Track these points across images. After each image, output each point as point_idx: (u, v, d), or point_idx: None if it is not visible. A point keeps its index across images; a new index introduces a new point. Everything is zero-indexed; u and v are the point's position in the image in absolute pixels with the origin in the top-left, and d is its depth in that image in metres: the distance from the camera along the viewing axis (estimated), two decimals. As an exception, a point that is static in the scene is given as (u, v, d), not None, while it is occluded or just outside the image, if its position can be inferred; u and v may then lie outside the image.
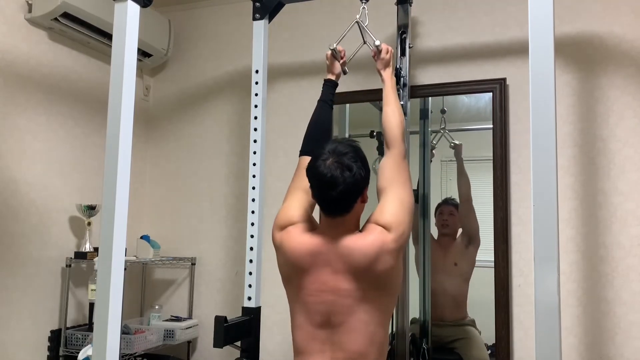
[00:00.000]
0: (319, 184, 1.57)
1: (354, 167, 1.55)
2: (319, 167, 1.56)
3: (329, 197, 1.56)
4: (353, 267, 1.55)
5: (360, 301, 1.55)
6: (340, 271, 1.57)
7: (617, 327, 2.33)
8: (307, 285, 1.60)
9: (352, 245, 1.57)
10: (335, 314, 1.56)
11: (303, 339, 1.61)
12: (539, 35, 1.53)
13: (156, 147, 3.34)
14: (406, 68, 2.48)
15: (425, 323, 2.61)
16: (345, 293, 1.55)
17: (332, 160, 1.56)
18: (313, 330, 1.59)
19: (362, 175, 1.58)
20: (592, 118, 2.45)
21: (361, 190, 1.60)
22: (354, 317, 1.55)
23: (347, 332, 1.55)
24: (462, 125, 2.67)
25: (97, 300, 1.64)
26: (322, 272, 1.58)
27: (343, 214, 1.59)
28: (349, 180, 1.54)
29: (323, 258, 1.59)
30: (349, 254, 1.56)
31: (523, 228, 2.50)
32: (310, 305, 1.60)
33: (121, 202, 1.67)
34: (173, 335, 2.84)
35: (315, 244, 1.61)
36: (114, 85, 1.71)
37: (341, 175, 1.53)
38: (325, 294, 1.57)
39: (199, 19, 3.31)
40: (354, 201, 1.59)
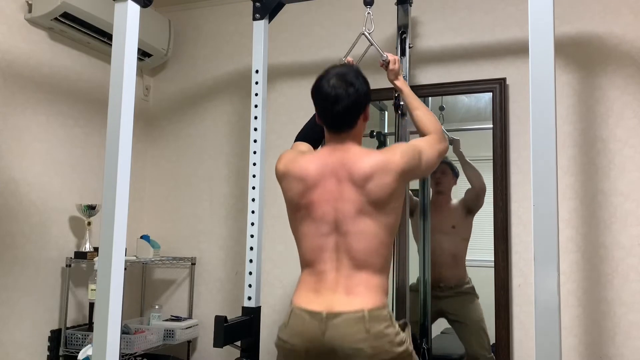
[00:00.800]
0: (324, 102, 1.68)
1: (356, 83, 1.67)
2: (322, 86, 1.68)
3: (335, 112, 1.66)
4: (354, 178, 1.63)
5: (362, 213, 1.61)
6: (345, 181, 1.64)
7: (617, 327, 2.33)
8: (315, 197, 1.66)
9: (355, 157, 1.66)
10: (341, 222, 1.62)
11: (312, 250, 1.66)
12: (539, 35, 1.53)
13: (156, 147, 3.34)
14: (406, 68, 2.48)
15: (425, 325, 2.61)
16: (350, 203, 1.62)
17: (335, 79, 1.67)
18: (321, 239, 1.64)
19: (365, 91, 1.70)
20: (592, 118, 2.46)
21: (363, 105, 1.71)
22: (358, 227, 1.61)
23: (354, 241, 1.61)
24: (462, 125, 2.67)
25: (97, 300, 1.64)
26: (329, 182, 1.65)
27: (347, 129, 1.70)
28: (353, 95, 1.66)
29: (329, 169, 1.66)
30: (351, 165, 1.64)
31: (523, 228, 2.50)
32: (318, 215, 1.65)
33: (121, 202, 1.67)
34: (173, 335, 2.84)
35: (322, 158, 1.70)
36: (114, 85, 1.71)
37: (345, 92, 1.65)
38: (332, 202, 1.64)
39: (199, 19, 3.31)
40: (357, 116, 1.70)
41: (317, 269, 1.64)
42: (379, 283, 1.62)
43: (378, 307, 1.57)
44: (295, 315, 1.62)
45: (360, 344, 1.51)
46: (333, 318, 1.54)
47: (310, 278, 1.65)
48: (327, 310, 1.56)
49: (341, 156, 1.67)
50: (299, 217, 1.70)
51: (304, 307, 1.60)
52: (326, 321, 1.55)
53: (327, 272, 1.62)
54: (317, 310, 1.58)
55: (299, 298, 1.64)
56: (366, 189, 1.61)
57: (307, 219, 1.67)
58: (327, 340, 1.53)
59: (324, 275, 1.62)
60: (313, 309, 1.58)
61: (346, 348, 1.52)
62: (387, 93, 2.71)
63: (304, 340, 1.57)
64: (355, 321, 1.53)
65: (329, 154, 1.69)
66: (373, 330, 1.53)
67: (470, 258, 2.59)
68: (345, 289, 1.58)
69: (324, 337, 1.54)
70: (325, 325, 1.54)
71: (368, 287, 1.59)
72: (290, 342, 1.59)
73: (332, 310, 1.56)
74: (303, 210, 1.68)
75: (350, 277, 1.60)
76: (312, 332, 1.56)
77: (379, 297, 1.60)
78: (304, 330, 1.57)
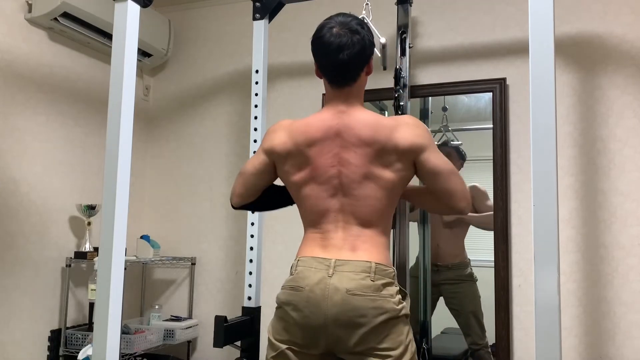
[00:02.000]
0: (327, 51, 1.58)
1: (361, 31, 1.59)
2: (325, 35, 1.59)
3: (339, 61, 1.57)
4: (360, 141, 1.57)
5: (367, 178, 1.58)
6: (350, 144, 1.59)
7: (617, 327, 2.33)
8: (319, 161, 1.61)
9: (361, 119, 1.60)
10: (347, 187, 1.59)
11: (316, 212, 1.62)
12: (539, 35, 1.53)
13: (156, 147, 3.34)
14: (406, 68, 2.49)
15: (425, 325, 2.61)
16: (355, 167, 1.58)
17: (339, 27, 1.58)
18: (326, 202, 1.61)
19: (370, 40, 1.61)
20: (592, 118, 2.46)
21: (368, 57, 1.62)
22: (364, 192, 1.58)
23: (359, 204, 1.58)
24: (462, 125, 2.67)
25: (97, 300, 1.64)
26: (333, 144, 1.59)
27: (350, 82, 1.61)
28: (359, 43, 1.57)
29: (334, 132, 1.60)
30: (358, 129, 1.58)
31: (523, 228, 2.50)
32: (322, 180, 1.61)
33: (121, 202, 1.67)
34: (173, 335, 2.84)
35: (326, 121, 1.62)
36: (114, 85, 1.71)
37: (350, 40, 1.56)
38: (336, 166, 1.59)
39: (199, 19, 3.31)
40: (361, 68, 1.62)
41: (322, 227, 1.62)
42: (384, 242, 1.61)
43: (384, 263, 1.56)
44: (303, 261, 1.59)
45: (364, 290, 1.51)
46: (341, 265, 1.54)
47: (315, 235, 1.63)
48: (335, 257, 1.56)
49: (346, 119, 1.60)
50: (301, 180, 1.64)
51: (311, 256, 1.59)
52: (334, 266, 1.54)
53: (332, 231, 1.60)
54: (325, 257, 1.57)
55: (305, 251, 1.62)
56: (373, 151, 1.57)
57: (311, 183, 1.62)
58: (333, 282, 1.52)
59: (330, 234, 1.60)
60: (321, 256, 1.58)
61: (350, 290, 1.51)
62: (387, 93, 2.71)
63: (309, 283, 1.54)
64: (363, 269, 1.53)
65: (332, 117, 1.62)
66: (378, 282, 1.53)
67: (470, 258, 2.59)
68: (352, 246, 1.57)
69: (330, 279, 1.52)
70: (334, 270, 1.53)
71: (373, 244, 1.58)
72: (298, 285, 1.56)
73: (340, 258, 1.55)
74: (306, 174, 1.62)
75: (356, 236, 1.58)
76: (319, 275, 1.54)
77: (385, 254, 1.59)
78: (310, 275, 1.55)
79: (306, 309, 1.53)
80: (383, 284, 1.53)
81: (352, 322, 1.50)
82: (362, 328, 1.50)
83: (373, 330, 1.50)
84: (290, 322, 1.57)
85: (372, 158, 1.57)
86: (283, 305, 1.60)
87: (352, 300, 1.50)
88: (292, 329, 1.56)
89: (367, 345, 1.51)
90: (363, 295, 1.50)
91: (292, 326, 1.56)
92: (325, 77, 1.65)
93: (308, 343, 1.55)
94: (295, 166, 1.64)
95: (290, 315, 1.56)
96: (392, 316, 1.52)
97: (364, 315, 1.50)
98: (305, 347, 1.56)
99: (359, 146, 1.58)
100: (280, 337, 1.59)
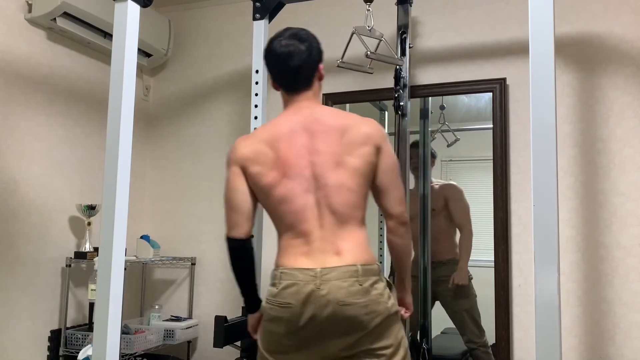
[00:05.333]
0: (279, 61, 1.68)
1: (308, 40, 1.70)
2: (275, 47, 1.69)
3: (290, 69, 1.67)
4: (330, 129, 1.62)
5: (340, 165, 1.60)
6: (319, 133, 1.62)
7: (617, 327, 2.33)
8: (289, 154, 1.62)
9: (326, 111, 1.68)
10: (320, 176, 1.60)
11: (292, 211, 1.60)
12: (539, 35, 1.53)
13: (156, 147, 3.34)
14: (406, 68, 2.48)
15: (425, 325, 2.61)
16: (326, 155, 1.60)
17: (287, 39, 1.69)
18: (301, 198, 1.60)
19: (318, 47, 1.72)
20: (592, 118, 2.46)
21: (316, 62, 1.71)
22: (338, 179, 1.59)
23: (334, 194, 1.59)
24: (462, 125, 2.67)
25: (97, 300, 1.64)
26: (300, 136, 1.63)
27: (305, 88, 1.70)
28: (306, 51, 1.68)
29: (300, 125, 1.64)
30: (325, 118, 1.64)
31: (523, 228, 2.50)
32: (294, 171, 1.61)
33: (121, 202, 1.67)
34: (173, 335, 2.84)
35: (288, 117, 1.67)
36: (114, 85, 1.71)
37: (297, 48, 1.67)
38: (307, 157, 1.61)
39: (199, 19, 3.31)
40: (312, 74, 1.70)
41: (300, 229, 1.59)
42: (364, 235, 1.63)
43: (369, 262, 1.58)
44: (287, 274, 1.57)
45: (354, 297, 1.52)
46: (327, 273, 1.53)
47: (294, 241, 1.60)
48: (320, 266, 1.55)
49: (309, 112, 1.66)
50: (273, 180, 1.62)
51: (294, 266, 1.57)
52: (321, 276, 1.53)
53: (312, 232, 1.59)
54: (309, 267, 1.56)
55: (286, 260, 1.60)
56: (343, 139, 1.61)
57: (284, 180, 1.61)
58: (323, 294, 1.51)
59: (310, 236, 1.59)
60: (305, 266, 1.56)
61: (341, 302, 1.51)
62: (387, 93, 2.71)
63: (300, 298, 1.53)
64: (350, 274, 1.53)
65: (294, 113, 1.67)
66: (365, 284, 1.54)
67: (471, 258, 2.59)
68: (335, 249, 1.57)
69: (319, 291, 1.52)
70: (321, 280, 1.53)
71: (356, 242, 1.59)
72: (286, 302, 1.54)
73: (325, 266, 1.55)
74: (277, 172, 1.62)
75: (336, 234, 1.58)
76: (308, 288, 1.53)
77: (367, 251, 1.61)
78: (299, 289, 1.53)
79: (298, 323, 1.53)
80: (371, 284, 1.55)
81: (346, 330, 1.52)
82: (358, 333, 1.52)
83: (368, 333, 1.53)
84: (282, 334, 1.56)
85: (340, 144, 1.60)
86: (273, 321, 1.58)
87: (344, 311, 1.51)
88: (284, 341, 1.56)
89: (361, 347, 1.53)
90: (355, 303, 1.51)
91: (284, 338, 1.56)
92: (281, 87, 1.72)
93: (302, 351, 1.56)
94: (266, 165, 1.62)
95: (281, 329, 1.56)
96: (385, 316, 1.54)
97: (359, 322, 1.52)
98: (299, 355, 1.57)
99: (328, 133, 1.61)
100: (273, 348, 1.59)
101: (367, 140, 1.62)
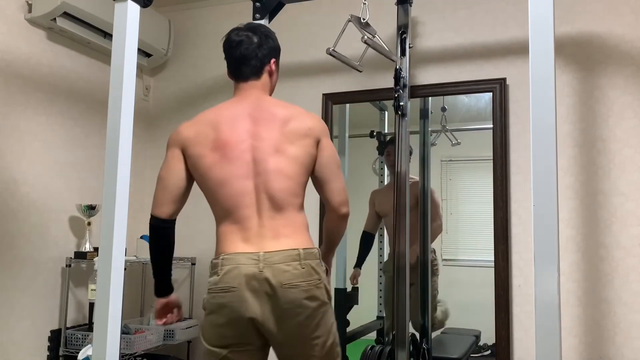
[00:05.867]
0: (229, 48, 1.74)
1: (261, 34, 1.75)
2: (230, 36, 1.75)
3: (238, 55, 1.72)
4: (273, 116, 1.66)
5: (279, 152, 1.63)
6: (262, 119, 1.66)
7: (617, 327, 2.33)
8: (230, 136, 1.64)
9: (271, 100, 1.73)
10: (259, 161, 1.62)
11: (231, 196, 1.61)
12: (539, 35, 1.53)
13: (156, 147, 3.34)
14: (406, 68, 2.48)
15: (425, 325, 2.61)
16: (267, 141, 1.63)
17: (242, 30, 1.75)
18: (240, 182, 1.61)
19: (270, 43, 1.76)
20: (592, 118, 2.46)
21: (267, 55, 1.75)
22: (277, 165, 1.61)
23: (273, 180, 1.61)
24: (462, 125, 2.67)
25: (97, 300, 1.64)
26: (244, 121, 1.66)
27: (253, 77, 1.73)
28: (256, 42, 1.73)
29: (245, 112, 1.67)
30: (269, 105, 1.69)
31: (523, 228, 2.50)
32: (234, 154, 1.62)
33: (121, 202, 1.67)
34: (173, 335, 2.84)
35: (233, 103, 1.72)
36: (114, 85, 1.71)
37: (248, 38, 1.73)
38: (248, 140, 1.63)
39: (199, 19, 3.31)
40: (261, 65, 1.74)
41: (238, 215, 1.60)
42: (302, 221, 1.66)
43: (309, 246, 1.62)
44: (229, 259, 1.58)
45: (296, 280, 1.55)
46: (270, 257, 1.55)
47: (233, 227, 1.61)
48: (261, 250, 1.57)
49: (255, 100, 1.70)
50: (212, 161, 1.62)
51: (235, 252, 1.58)
52: (263, 259, 1.55)
53: (250, 218, 1.60)
54: (251, 250, 1.58)
55: (227, 247, 1.60)
56: (286, 127, 1.64)
57: (223, 162, 1.61)
58: (266, 276, 1.54)
59: (248, 222, 1.60)
60: (246, 250, 1.58)
61: (284, 284, 1.53)
62: (387, 93, 2.71)
63: (243, 282, 1.54)
64: (293, 258, 1.56)
65: (240, 100, 1.72)
66: (307, 268, 1.57)
67: (471, 258, 2.59)
68: (274, 233, 1.59)
69: (262, 274, 1.54)
70: (264, 263, 1.55)
71: (295, 227, 1.62)
72: (229, 286, 1.55)
73: (267, 250, 1.57)
74: (217, 153, 1.62)
75: (274, 219, 1.60)
76: (250, 270, 1.54)
77: (306, 235, 1.65)
78: (241, 272, 1.54)
79: (242, 307, 1.54)
80: (312, 266, 1.58)
81: (288, 314, 1.54)
82: (298, 318, 1.54)
83: (307, 319, 1.56)
84: (226, 325, 1.56)
85: (282, 133, 1.64)
86: (216, 310, 1.58)
87: (287, 293, 1.53)
88: (229, 332, 1.57)
89: (300, 333, 1.56)
90: (298, 286, 1.54)
91: (227, 329, 1.56)
92: (232, 75, 1.77)
93: (247, 340, 1.58)
94: (206, 146, 1.63)
95: (225, 318, 1.56)
96: (322, 302, 1.59)
97: (299, 305, 1.54)
98: (246, 344, 1.58)
99: (271, 120, 1.65)
100: (218, 342, 1.59)
101: (309, 132, 1.67)
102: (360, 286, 2.79)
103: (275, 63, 1.78)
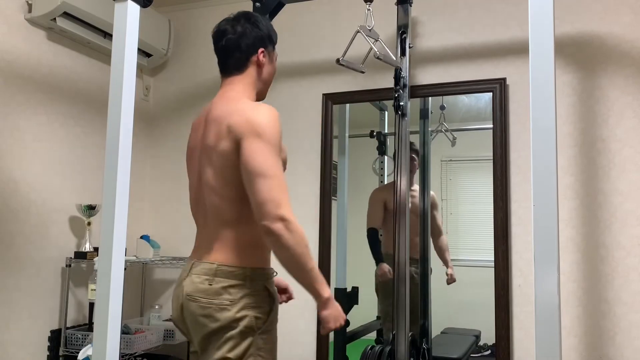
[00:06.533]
0: (214, 40, 1.67)
1: (245, 23, 1.63)
2: (218, 25, 1.68)
3: (221, 47, 1.64)
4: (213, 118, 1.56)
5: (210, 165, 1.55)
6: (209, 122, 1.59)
7: (617, 327, 2.33)
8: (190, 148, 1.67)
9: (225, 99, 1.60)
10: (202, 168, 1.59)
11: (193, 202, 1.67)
12: (539, 35, 1.53)
13: (156, 147, 3.34)
14: (406, 68, 2.48)
15: (425, 325, 2.61)
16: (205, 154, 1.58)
17: (228, 20, 1.67)
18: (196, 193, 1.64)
19: (254, 33, 1.63)
20: (592, 118, 2.46)
21: (252, 46, 1.63)
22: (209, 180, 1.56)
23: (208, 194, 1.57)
24: (462, 125, 2.67)
25: (97, 300, 1.64)
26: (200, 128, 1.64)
27: (236, 72, 1.63)
28: (239, 33, 1.62)
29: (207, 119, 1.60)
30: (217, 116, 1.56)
31: (523, 228, 2.50)
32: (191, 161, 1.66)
33: (121, 202, 1.67)
34: (173, 335, 2.84)
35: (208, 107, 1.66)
36: (114, 85, 1.71)
37: (232, 28, 1.63)
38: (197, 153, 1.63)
39: (199, 19, 3.31)
40: (245, 58, 1.63)
41: (197, 222, 1.67)
42: (234, 237, 1.53)
43: (231, 263, 1.51)
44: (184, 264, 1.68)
45: (199, 295, 1.51)
46: (195, 267, 1.57)
47: (196, 234, 1.69)
48: (196, 259, 1.60)
49: (219, 100, 1.60)
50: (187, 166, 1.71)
51: (189, 256, 1.67)
52: (190, 269, 1.58)
53: (201, 226, 1.64)
54: (191, 258, 1.63)
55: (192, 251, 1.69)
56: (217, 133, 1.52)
57: (189, 170, 1.69)
58: (184, 285, 1.57)
59: (200, 230, 1.65)
60: (191, 258, 1.63)
61: (187, 295, 1.54)
62: (387, 93, 2.72)
63: (176, 286, 1.62)
64: (205, 272, 1.53)
65: (213, 101, 1.64)
66: (216, 286, 1.49)
67: (471, 258, 2.59)
68: (208, 244, 1.58)
69: (184, 282, 1.58)
70: (188, 273, 1.58)
71: (225, 242, 1.54)
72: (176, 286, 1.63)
73: (199, 259, 1.58)
74: (188, 161, 1.70)
75: (213, 231, 1.58)
76: (182, 277, 1.61)
77: (235, 253, 1.52)
78: (180, 277, 1.63)
79: (173, 310, 1.63)
80: (224, 287, 1.49)
81: (193, 325, 1.55)
82: (201, 331, 1.53)
83: (207, 337, 1.51)
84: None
85: (214, 139, 1.53)
86: None
87: (189, 305, 1.54)
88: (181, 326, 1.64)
89: (207, 348, 1.52)
90: (196, 301, 1.52)
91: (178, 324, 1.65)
92: (219, 69, 1.69)
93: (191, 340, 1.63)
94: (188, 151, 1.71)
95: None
96: (224, 326, 1.47)
97: (197, 322, 1.53)
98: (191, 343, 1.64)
99: (210, 125, 1.56)
100: None
101: (228, 134, 1.48)
102: (360, 286, 2.79)
103: (264, 52, 1.64)
